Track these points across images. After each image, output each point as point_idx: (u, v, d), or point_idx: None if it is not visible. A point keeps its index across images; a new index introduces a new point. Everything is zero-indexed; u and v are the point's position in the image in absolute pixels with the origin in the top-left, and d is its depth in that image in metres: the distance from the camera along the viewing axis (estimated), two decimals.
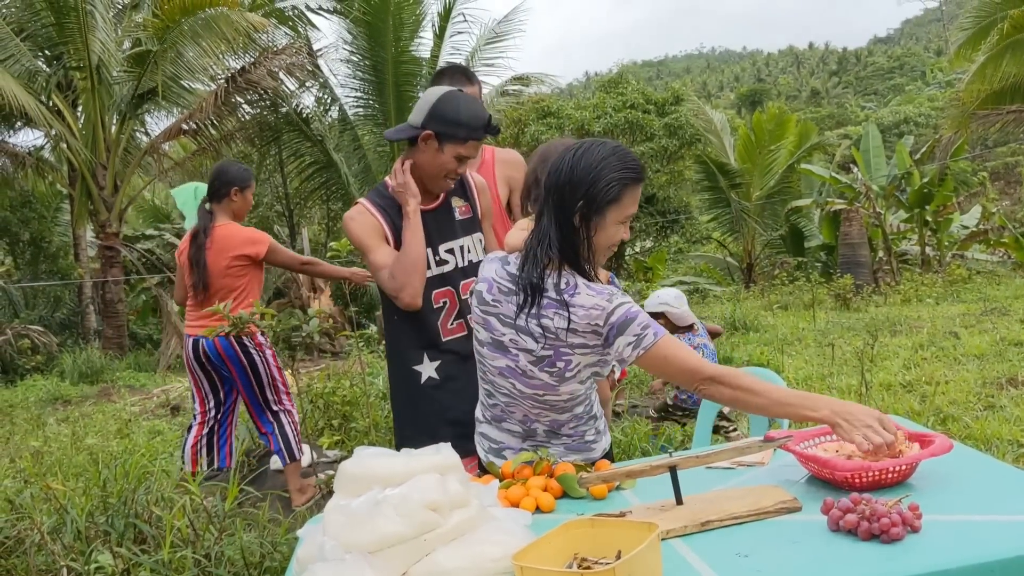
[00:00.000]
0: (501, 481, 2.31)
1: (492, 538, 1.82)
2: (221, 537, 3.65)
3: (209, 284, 4.89)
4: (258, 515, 4.23)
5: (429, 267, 2.95)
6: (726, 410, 5.00)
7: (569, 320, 2.20)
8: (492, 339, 2.38)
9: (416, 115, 2.90)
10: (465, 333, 3.01)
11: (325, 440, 5.77)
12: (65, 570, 3.41)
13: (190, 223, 5.38)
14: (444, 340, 3.00)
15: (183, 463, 5.17)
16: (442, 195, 3.05)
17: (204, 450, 5.12)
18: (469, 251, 3.07)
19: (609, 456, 2.55)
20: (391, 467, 1.90)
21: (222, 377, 5.07)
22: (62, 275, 18.37)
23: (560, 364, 2.26)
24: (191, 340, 5.01)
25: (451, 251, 3.03)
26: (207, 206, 5.00)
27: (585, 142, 2.28)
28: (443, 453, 1.96)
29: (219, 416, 5.15)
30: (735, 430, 5.32)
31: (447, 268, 3.01)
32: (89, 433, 7.38)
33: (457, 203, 3.08)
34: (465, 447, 2.70)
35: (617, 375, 5.36)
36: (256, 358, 4.95)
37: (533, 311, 2.24)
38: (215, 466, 5.09)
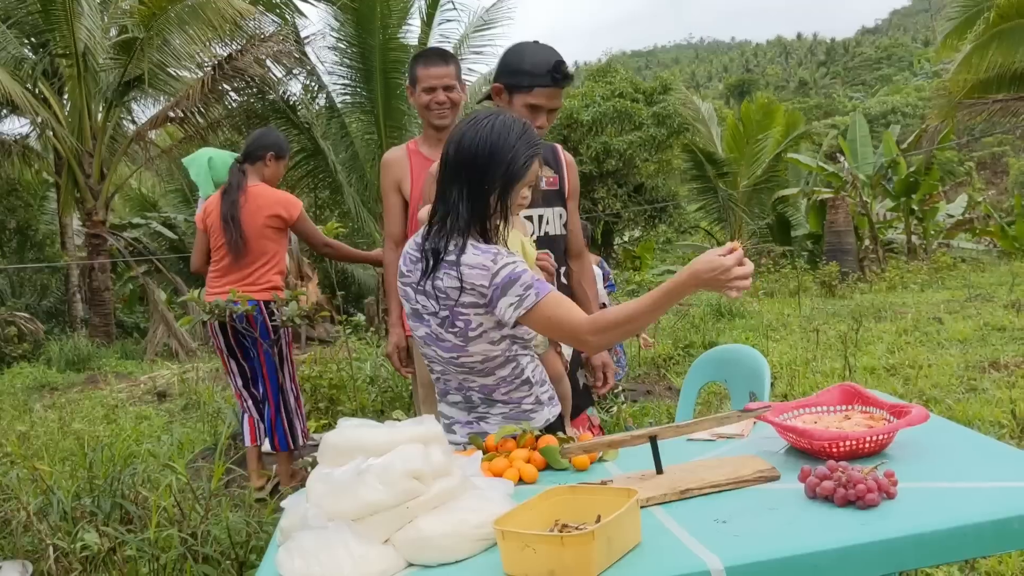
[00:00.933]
0: (484, 454, 2.33)
1: (474, 505, 1.83)
2: (207, 516, 3.66)
3: (246, 242, 4.66)
4: (245, 494, 4.25)
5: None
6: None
7: (459, 278, 2.24)
8: (411, 309, 2.43)
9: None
10: None
11: (312, 424, 5.79)
12: (51, 549, 3.42)
13: (206, 192, 5.11)
14: None
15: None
16: None
17: (261, 432, 4.95)
18: (548, 223, 2.99)
19: (557, 428, 2.49)
20: (374, 437, 1.91)
21: (243, 347, 4.84)
22: (49, 263, 18.29)
23: (460, 323, 2.29)
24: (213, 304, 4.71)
25: (529, 218, 2.92)
26: (241, 166, 4.81)
27: (490, 117, 2.32)
28: (426, 424, 1.97)
29: (259, 394, 4.92)
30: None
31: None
32: (76, 418, 7.37)
33: (545, 172, 2.96)
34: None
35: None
36: (281, 331, 4.81)
37: (431, 275, 2.29)
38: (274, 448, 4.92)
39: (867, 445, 1.99)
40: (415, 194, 3.48)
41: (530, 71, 2.79)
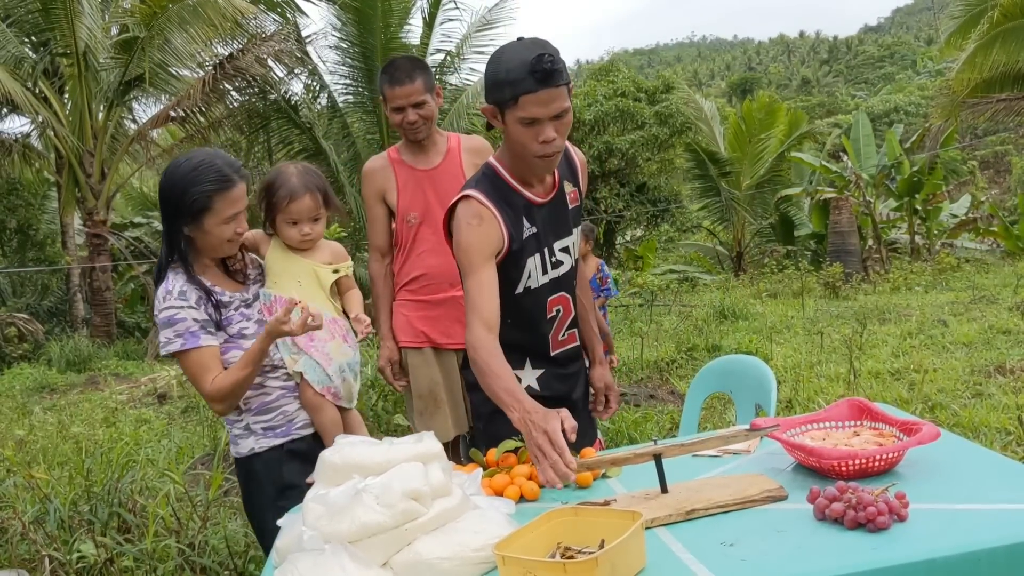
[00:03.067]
0: (485, 470, 2.29)
1: (474, 527, 1.80)
2: (205, 526, 3.63)
3: None
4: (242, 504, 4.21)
5: (546, 271, 2.52)
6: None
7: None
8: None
9: None
10: (577, 343, 2.68)
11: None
12: (47, 560, 3.39)
13: None
14: (553, 353, 2.62)
15: None
16: (556, 177, 2.54)
17: None
18: (575, 247, 2.64)
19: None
20: (372, 456, 1.87)
21: None
22: (49, 263, 18.27)
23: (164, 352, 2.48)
24: None
25: (566, 249, 2.57)
26: None
27: (183, 156, 2.47)
28: (425, 442, 1.93)
29: None
30: None
31: (563, 270, 2.57)
32: (75, 422, 7.34)
33: (568, 189, 2.59)
34: None
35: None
36: None
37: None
38: None
39: (877, 464, 1.95)
40: (402, 204, 3.43)
41: (508, 79, 2.24)
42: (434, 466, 1.89)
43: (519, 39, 2.33)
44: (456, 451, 3.54)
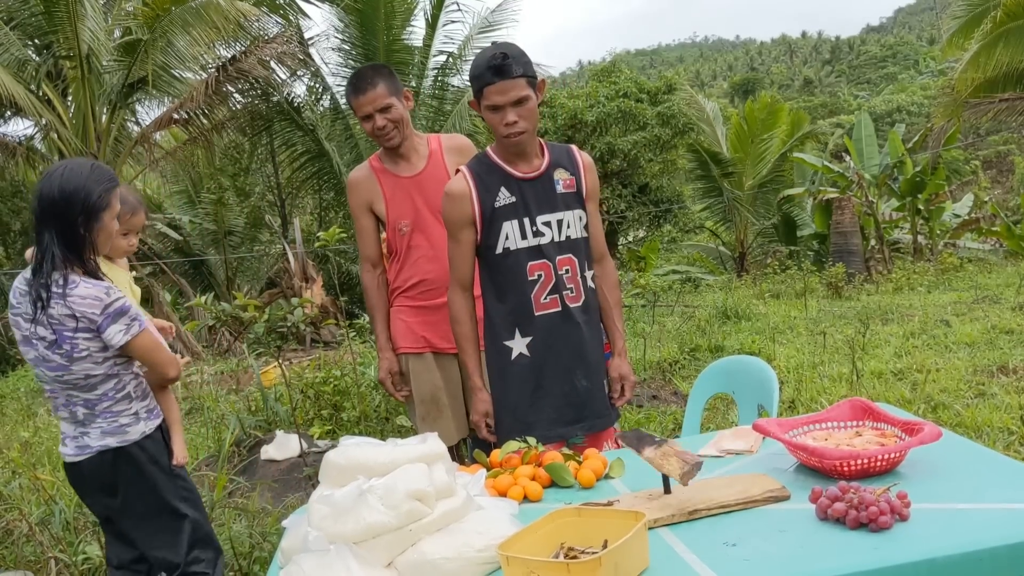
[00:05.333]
0: (489, 470, 2.30)
1: (478, 528, 1.81)
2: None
3: None
4: (248, 505, 4.22)
5: (525, 236, 2.89)
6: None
7: (69, 308, 2.57)
8: (21, 336, 2.70)
9: None
10: (559, 309, 2.92)
11: (315, 430, 5.76)
12: (53, 561, 3.40)
13: None
14: (537, 315, 2.91)
15: None
16: (544, 164, 2.93)
17: None
18: (568, 226, 2.94)
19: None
20: (376, 457, 1.88)
21: None
22: None
23: (67, 346, 2.60)
24: None
25: (548, 223, 2.91)
26: None
27: (60, 167, 2.68)
28: (429, 442, 1.94)
29: None
30: None
31: (543, 240, 2.90)
32: None
33: (561, 175, 2.95)
34: (558, 431, 2.86)
35: None
36: None
37: (42, 306, 2.59)
38: None
39: (879, 464, 1.96)
40: (392, 214, 3.44)
41: (475, 75, 2.78)
42: (438, 467, 1.90)
43: (492, 44, 2.91)
44: (459, 453, 3.55)
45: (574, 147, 3.05)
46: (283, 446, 5.37)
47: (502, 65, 2.72)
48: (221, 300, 14.90)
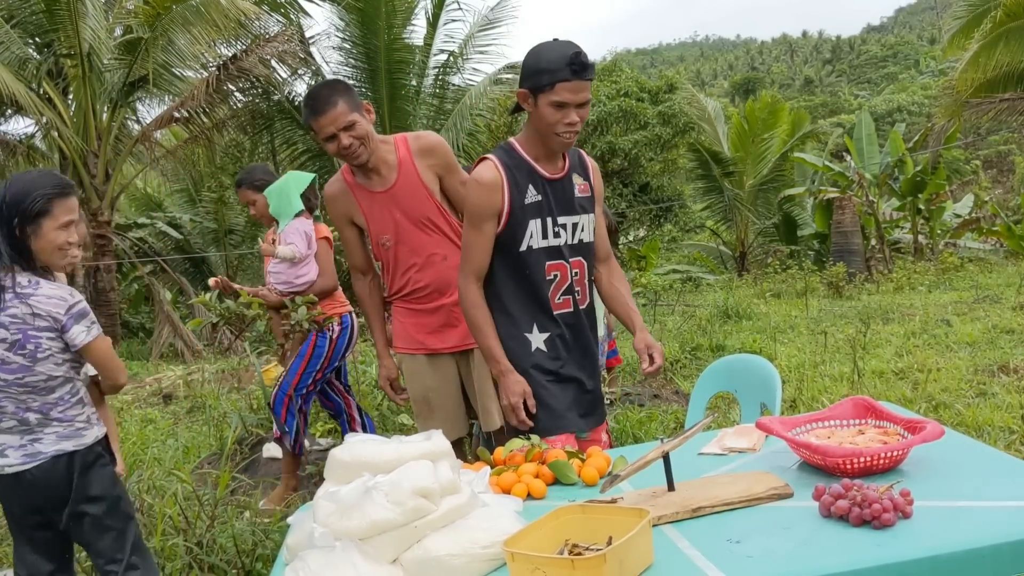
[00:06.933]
0: (493, 468, 2.30)
1: (483, 524, 1.82)
2: (213, 525, 3.65)
3: None
4: (250, 503, 4.22)
5: (546, 236, 2.89)
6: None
7: (31, 307, 2.61)
8: None
9: None
10: (571, 310, 2.96)
11: (318, 428, 5.77)
12: None
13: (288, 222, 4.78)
14: (555, 313, 2.94)
15: None
16: (567, 167, 2.95)
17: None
18: (582, 230, 2.97)
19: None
20: (381, 454, 1.89)
21: None
22: None
23: (30, 346, 2.63)
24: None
25: (565, 226, 2.93)
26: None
27: (18, 173, 2.76)
28: (434, 439, 1.95)
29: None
30: None
31: (560, 241, 2.92)
32: None
33: (578, 180, 2.98)
34: (561, 425, 2.88)
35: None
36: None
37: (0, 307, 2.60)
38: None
39: (882, 462, 1.96)
40: (373, 230, 3.46)
41: (548, 68, 2.70)
42: (443, 464, 1.91)
43: (554, 39, 2.79)
44: (462, 451, 3.57)
45: (583, 151, 3.09)
46: None
47: (586, 65, 2.70)
48: (223, 298, 14.90)
